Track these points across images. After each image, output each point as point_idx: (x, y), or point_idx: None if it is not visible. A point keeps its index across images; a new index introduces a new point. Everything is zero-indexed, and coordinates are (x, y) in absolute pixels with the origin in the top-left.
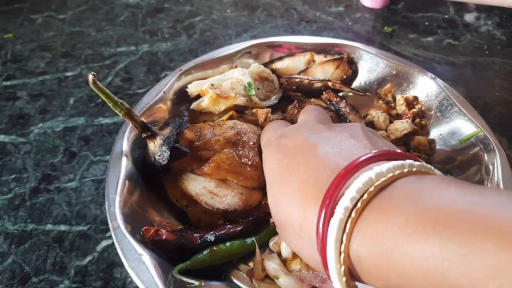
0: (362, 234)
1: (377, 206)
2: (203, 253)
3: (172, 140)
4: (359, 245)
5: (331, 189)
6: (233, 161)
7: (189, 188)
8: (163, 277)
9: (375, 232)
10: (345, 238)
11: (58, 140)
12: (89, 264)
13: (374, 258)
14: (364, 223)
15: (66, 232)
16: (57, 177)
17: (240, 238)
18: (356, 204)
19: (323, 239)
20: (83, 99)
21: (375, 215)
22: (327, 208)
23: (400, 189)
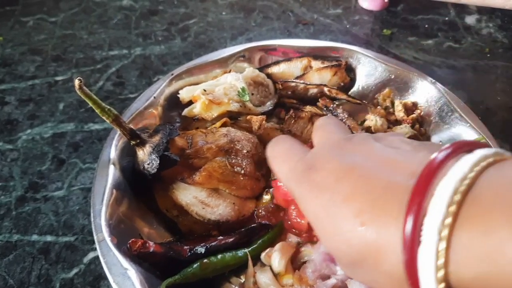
0: (463, 253)
1: (469, 214)
2: (193, 266)
3: (162, 147)
4: (459, 266)
5: (409, 214)
6: (225, 170)
7: (179, 198)
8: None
9: (477, 248)
10: (442, 264)
11: (46, 147)
12: (76, 276)
13: (484, 279)
14: (460, 241)
15: (52, 243)
16: (44, 185)
17: (232, 250)
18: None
19: (411, 271)
20: (73, 104)
21: (471, 227)
22: (413, 236)
23: (489, 185)
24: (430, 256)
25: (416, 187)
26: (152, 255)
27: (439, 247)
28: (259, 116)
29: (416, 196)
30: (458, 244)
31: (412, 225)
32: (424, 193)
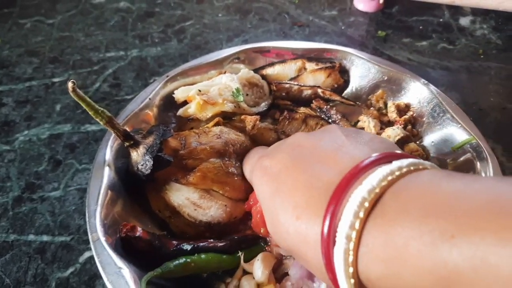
0: (368, 255)
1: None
2: (175, 262)
3: (156, 148)
4: (366, 266)
5: (326, 216)
6: (219, 171)
7: (171, 199)
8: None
9: (381, 251)
10: (351, 263)
11: (43, 148)
12: (71, 276)
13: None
14: (366, 243)
15: (49, 243)
16: (41, 186)
17: (219, 254)
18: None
19: (329, 266)
20: (70, 105)
21: (376, 232)
22: (328, 236)
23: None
24: (341, 255)
25: (335, 192)
26: (138, 240)
27: (349, 247)
28: (253, 116)
29: (333, 200)
30: (365, 246)
31: (328, 226)
32: (339, 198)
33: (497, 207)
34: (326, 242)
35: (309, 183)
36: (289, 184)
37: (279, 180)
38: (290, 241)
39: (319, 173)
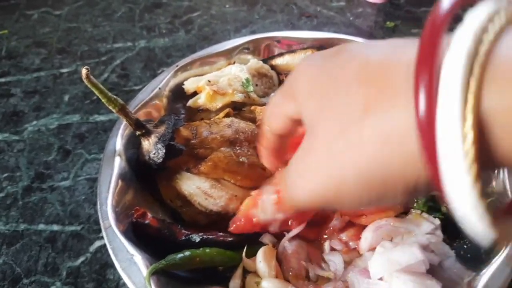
0: (493, 82)
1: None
2: (180, 255)
3: (168, 137)
4: (488, 97)
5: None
6: (230, 160)
7: (183, 188)
8: (155, 278)
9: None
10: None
11: (52, 138)
12: (82, 265)
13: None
14: (493, 68)
15: (59, 232)
16: (50, 175)
17: (227, 249)
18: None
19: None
20: (78, 96)
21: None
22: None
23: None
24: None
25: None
26: (147, 226)
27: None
28: (263, 106)
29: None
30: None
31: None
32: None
33: None
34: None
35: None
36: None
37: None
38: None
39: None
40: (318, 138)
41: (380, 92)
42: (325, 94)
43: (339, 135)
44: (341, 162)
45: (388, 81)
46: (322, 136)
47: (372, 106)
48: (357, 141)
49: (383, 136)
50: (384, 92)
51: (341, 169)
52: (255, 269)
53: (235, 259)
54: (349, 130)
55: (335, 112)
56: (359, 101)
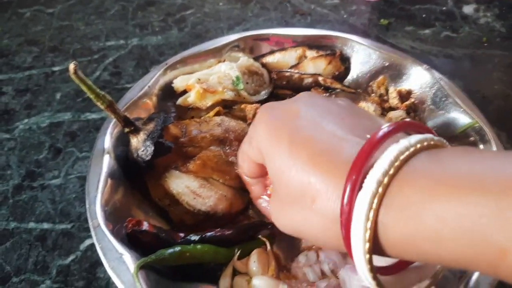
0: (389, 204)
1: (402, 177)
2: (169, 251)
3: (157, 135)
4: (384, 214)
5: (359, 161)
6: (219, 159)
7: (171, 187)
8: (144, 275)
9: (402, 199)
10: (372, 214)
11: (43, 136)
12: (72, 263)
13: (402, 226)
14: (390, 194)
15: (49, 230)
16: (41, 174)
17: (225, 245)
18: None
19: (349, 213)
20: (70, 94)
21: (401, 185)
22: (355, 182)
23: (424, 159)
24: (365, 204)
25: (356, 159)
26: (144, 234)
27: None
28: (254, 104)
29: (355, 167)
30: (389, 197)
31: (355, 178)
32: (362, 166)
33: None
34: (352, 189)
35: (335, 137)
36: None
37: (297, 120)
38: (300, 181)
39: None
40: (280, 197)
41: (324, 185)
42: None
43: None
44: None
45: (330, 180)
46: (282, 197)
47: (316, 197)
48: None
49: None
50: (327, 187)
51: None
52: (245, 270)
53: (227, 256)
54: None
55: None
56: (307, 187)
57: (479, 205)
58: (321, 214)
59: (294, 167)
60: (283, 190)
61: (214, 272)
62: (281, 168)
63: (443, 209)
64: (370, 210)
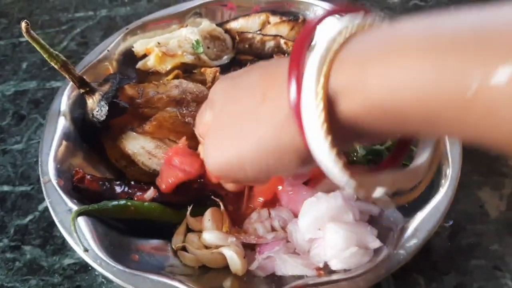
0: (340, 69)
1: (352, 47)
2: (114, 202)
3: (111, 95)
4: (335, 79)
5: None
6: (176, 120)
7: (127, 148)
8: (92, 229)
9: (353, 63)
10: (322, 78)
11: (7, 104)
12: (30, 223)
13: (352, 89)
14: (340, 61)
15: (9, 192)
16: (3, 139)
17: (173, 207)
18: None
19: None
20: (37, 63)
21: (351, 53)
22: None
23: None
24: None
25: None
26: (87, 191)
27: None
28: (213, 68)
29: (293, 65)
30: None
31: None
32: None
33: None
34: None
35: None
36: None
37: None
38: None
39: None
40: (223, 119)
41: (273, 87)
42: (232, 93)
43: (243, 116)
44: (243, 135)
45: (278, 79)
46: (228, 117)
47: (267, 96)
48: (256, 119)
49: (275, 117)
50: (275, 87)
51: (243, 141)
52: (199, 228)
53: (175, 217)
54: (251, 112)
55: (239, 102)
56: (259, 93)
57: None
58: (272, 110)
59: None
60: (229, 113)
61: (169, 230)
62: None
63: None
64: (320, 74)
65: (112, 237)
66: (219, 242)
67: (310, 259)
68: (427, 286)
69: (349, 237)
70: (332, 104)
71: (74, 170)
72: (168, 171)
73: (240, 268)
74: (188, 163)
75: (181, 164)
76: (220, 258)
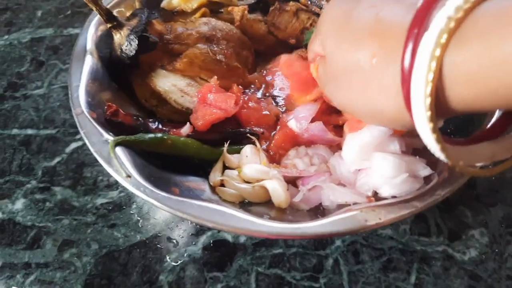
0: (460, 38)
1: (475, 18)
2: (150, 135)
3: (140, 29)
4: (454, 49)
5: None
6: (207, 58)
7: (158, 86)
8: (131, 160)
9: (477, 29)
10: (439, 50)
11: (24, 51)
12: (58, 164)
13: (473, 62)
14: (462, 28)
15: (33, 135)
16: (23, 85)
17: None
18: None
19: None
20: (52, 11)
21: (475, 18)
22: (420, 25)
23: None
24: (422, 79)
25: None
26: (121, 125)
27: (441, 37)
28: (241, 6)
29: (415, 23)
30: (460, 35)
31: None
32: (422, 21)
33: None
34: (408, 73)
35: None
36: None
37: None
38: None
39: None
40: (334, 69)
41: (385, 47)
42: (340, 35)
43: (353, 74)
44: (354, 95)
45: (392, 38)
46: (337, 68)
47: (378, 55)
48: (365, 84)
49: (383, 87)
50: (387, 48)
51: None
52: (236, 165)
53: (212, 154)
54: (359, 71)
55: (347, 54)
56: (369, 49)
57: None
58: (381, 71)
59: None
60: (338, 63)
61: (204, 168)
62: (341, 41)
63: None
64: (436, 47)
65: (151, 170)
66: (260, 175)
67: (357, 189)
68: (474, 217)
69: (399, 164)
70: (442, 84)
71: (106, 104)
72: (203, 109)
73: (283, 200)
74: (223, 101)
75: (216, 102)
76: (262, 192)
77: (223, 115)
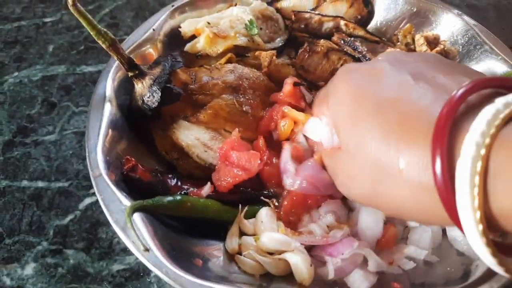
0: (495, 168)
1: (504, 137)
2: (169, 198)
3: (164, 79)
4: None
5: (441, 123)
6: (232, 109)
7: (180, 138)
8: (151, 229)
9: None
10: (477, 180)
11: (35, 90)
12: (71, 223)
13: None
14: (495, 156)
15: (44, 189)
16: (34, 129)
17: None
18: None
19: (445, 181)
20: (64, 46)
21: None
22: (443, 146)
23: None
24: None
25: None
26: (138, 182)
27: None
28: (269, 51)
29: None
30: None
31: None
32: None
33: None
34: (444, 185)
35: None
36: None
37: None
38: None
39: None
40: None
41: (409, 143)
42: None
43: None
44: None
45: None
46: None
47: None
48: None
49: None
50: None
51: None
52: (252, 232)
53: (231, 213)
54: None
55: (368, 142)
56: (392, 138)
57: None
58: (410, 185)
59: (379, 132)
60: (360, 157)
61: (218, 231)
62: (363, 134)
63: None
64: (475, 175)
65: (172, 238)
66: (281, 246)
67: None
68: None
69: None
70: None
71: (124, 158)
72: (226, 169)
73: (307, 278)
74: (247, 160)
75: (239, 161)
76: (282, 265)
77: (246, 177)
